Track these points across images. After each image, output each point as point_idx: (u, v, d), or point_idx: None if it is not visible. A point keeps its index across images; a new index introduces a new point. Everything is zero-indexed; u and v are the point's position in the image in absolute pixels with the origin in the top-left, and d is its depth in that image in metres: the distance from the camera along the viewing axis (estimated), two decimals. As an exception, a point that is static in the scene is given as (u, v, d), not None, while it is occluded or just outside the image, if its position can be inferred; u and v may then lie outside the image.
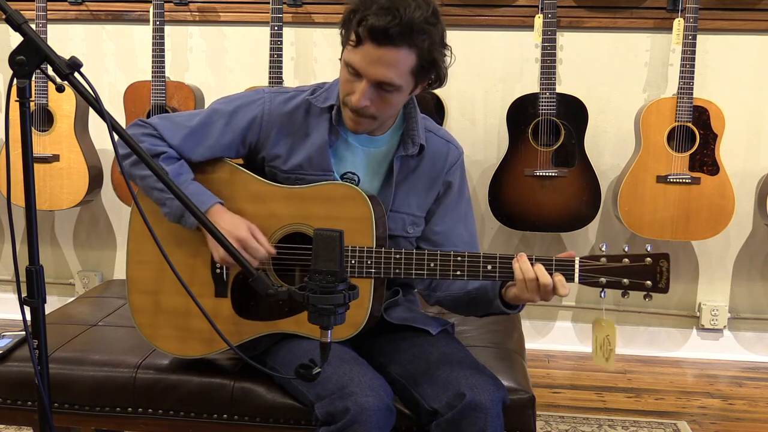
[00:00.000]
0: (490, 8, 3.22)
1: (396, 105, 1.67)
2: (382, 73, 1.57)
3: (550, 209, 3.05)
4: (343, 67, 1.63)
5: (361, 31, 1.54)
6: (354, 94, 1.61)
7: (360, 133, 1.72)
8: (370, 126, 1.70)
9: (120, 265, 3.64)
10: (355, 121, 1.67)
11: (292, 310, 1.68)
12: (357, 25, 1.55)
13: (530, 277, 1.54)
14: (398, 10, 1.52)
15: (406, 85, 1.62)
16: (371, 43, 1.55)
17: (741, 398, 2.96)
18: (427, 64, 1.60)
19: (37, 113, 3.21)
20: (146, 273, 1.76)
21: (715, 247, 3.32)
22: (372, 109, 1.63)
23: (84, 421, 1.83)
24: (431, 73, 1.64)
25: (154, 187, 1.69)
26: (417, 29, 1.54)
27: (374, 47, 1.55)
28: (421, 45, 1.56)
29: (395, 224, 1.76)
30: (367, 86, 1.59)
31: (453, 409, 1.53)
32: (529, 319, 3.42)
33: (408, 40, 1.54)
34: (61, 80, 1.25)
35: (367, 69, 1.57)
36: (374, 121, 1.68)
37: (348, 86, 1.63)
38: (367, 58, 1.56)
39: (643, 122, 2.99)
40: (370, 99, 1.61)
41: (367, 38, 1.55)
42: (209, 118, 1.75)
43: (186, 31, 3.41)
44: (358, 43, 1.56)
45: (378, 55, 1.55)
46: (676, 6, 3.10)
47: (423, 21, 1.54)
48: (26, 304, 1.28)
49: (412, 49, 1.56)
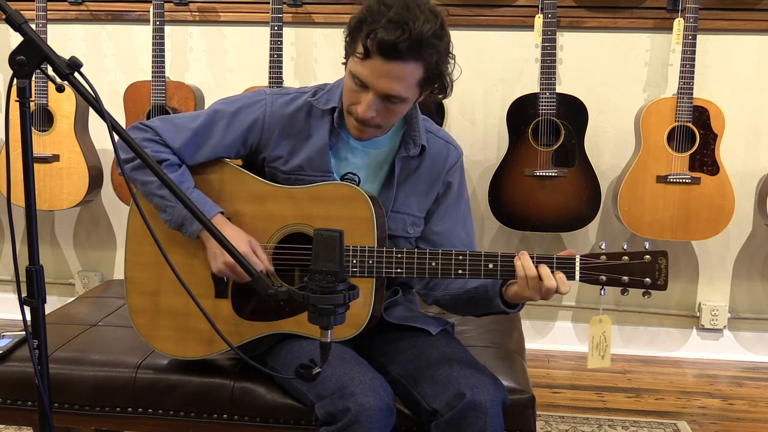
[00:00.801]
0: (490, 8, 3.22)
1: (400, 114, 1.68)
2: (390, 87, 1.57)
3: (550, 209, 3.05)
4: (349, 77, 1.62)
5: (370, 44, 1.53)
6: (360, 105, 1.61)
7: (364, 140, 1.72)
8: (374, 134, 1.71)
9: (120, 265, 3.64)
10: (359, 130, 1.67)
11: (292, 311, 1.68)
12: (366, 38, 1.53)
13: (532, 274, 1.54)
14: (407, 24, 1.50)
15: (412, 96, 1.63)
16: (380, 57, 1.54)
17: (741, 398, 2.96)
18: (434, 76, 1.61)
19: (37, 113, 3.20)
20: (145, 274, 1.76)
21: (715, 247, 3.32)
22: (377, 120, 1.63)
23: (84, 421, 1.83)
24: (436, 83, 1.64)
25: (155, 193, 1.68)
26: (426, 43, 1.53)
27: (383, 61, 1.54)
28: (429, 59, 1.56)
29: (396, 224, 1.76)
30: (374, 98, 1.59)
31: (453, 409, 1.53)
32: (529, 319, 3.42)
33: (416, 55, 1.54)
34: (61, 80, 1.25)
35: (375, 82, 1.57)
36: (378, 129, 1.69)
37: (353, 96, 1.63)
38: (375, 71, 1.56)
39: (643, 122, 2.99)
40: (375, 110, 1.61)
41: (375, 52, 1.54)
42: (211, 119, 1.75)
43: (186, 31, 3.41)
44: (366, 56, 1.55)
45: (387, 69, 1.55)
46: (676, 6, 3.10)
47: (432, 35, 1.53)
48: (26, 304, 1.28)
49: (420, 63, 1.56)
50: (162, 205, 1.68)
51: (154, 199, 1.69)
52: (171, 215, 1.68)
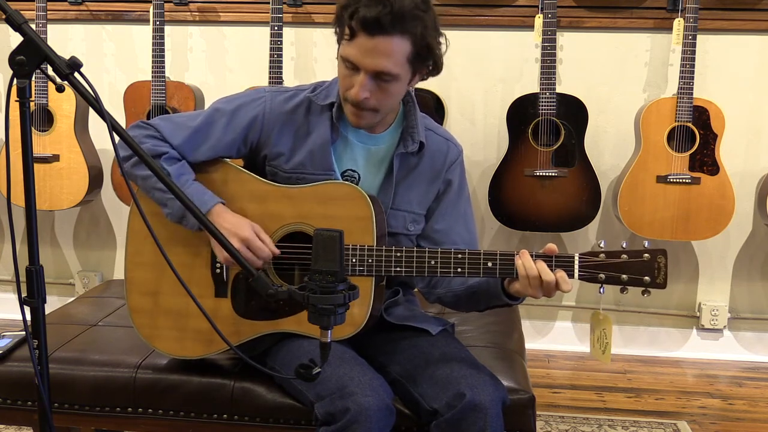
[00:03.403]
0: (490, 8, 3.22)
1: (396, 95, 1.68)
2: (378, 63, 1.59)
3: (550, 209, 3.05)
4: (341, 63, 1.64)
5: (354, 23, 1.56)
6: (353, 88, 1.63)
7: (362, 127, 1.72)
8: (372, 119, 1.70)
9: (120, 265, 3.64)
10: (356, 115, 1.68)
11: (292, 310, 1.68)
12: (349, 19, 1.57)
13: (533, 274, 1.54)
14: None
15: (404, 73, 1.63)
16: (364, 34, 1.57)
17: (741, 398, 2.96)
18: (423, 51, 1.62)
19: (37, 113, 3.21)
20: (145, 274, 1.76)
21: (715, 247, 3.32)
22: (372, 101, 1.64)
23: (84, 421, 1.83)
24: (428, 61, 1.65)
25: (155, 187, 1.69)
26: (409, 16, 1.56)
27: (367, 38, 1.57)
28: (414, 31, 1.58)
29: (396, 221, 1.76)
30: (366, 78, 1.61)
31: (453, 409, 1.53)
32: (529, 319, 3.42)
33: (400, 28, 1.56)
34: (61, 80, 1.25)
35: (362, 60, 1.59)
36: (376, 114, 1.69)
37: (347, 81, 1.64)
38: (361, 49, 1.58)
39: (643, 122, 2.99)
40: (369, 90, 1.62)
41: (360, 30, 1.57)
42: (211, 117, 1.75)
43: (186, 31, 3.41)
44: (352, 36, 1.58)
45: (372, 45, 1.57)
46: (676, 6, 3.10)
47: (413, 8, 1.56)
48: (26, 304, 1.28)
49: (405, 36, 1.58)
50: (162, 199, 1.69)
51: (155, 194, 1.70)
52: (171, 208, 1.68)
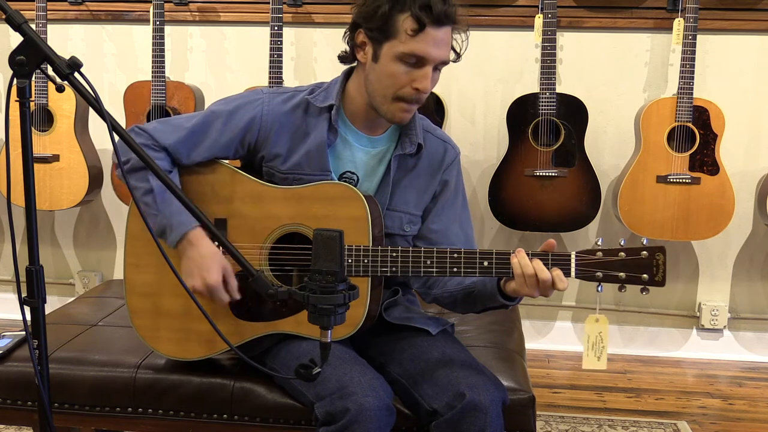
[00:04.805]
0: (490, 8, 3.22)
1: None
2: (445, 53, 1.65)
3: (550, 209, 3.05)
4: (395, 62, 1.62)
5: (426, 16, 1.58)
6: (420, 81, 1.63)
7: (407, 121, 1.73)
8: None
9: (120, 265, 3.64)
10: (408, 111, 1.69)
11: (291, 311, 1.68)
12: (420, 10, 1.58)
13: (529, 272, 1.53)
14: None
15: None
16: (433, 26, 1.59)
17: (741, 398, 2.96)
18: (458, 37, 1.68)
19: (37, 113, 3.21)
20: (143, 276, 1.76)
21: (715, 247, 3.32)
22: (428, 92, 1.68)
23: (84, 421, 1.83)
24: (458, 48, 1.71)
25: (140, 200, 1.68)
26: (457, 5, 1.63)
27: (436, 29, 1.60)
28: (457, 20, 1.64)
29: (392, 222, 1.76)
30: (431, 70, 1.63)
31: (453, 409, 1.53)
32: (529, 319, 3.42)
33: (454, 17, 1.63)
34: (61, 80, 1.25)
35: (432, 52, 1.62)
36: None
37: (402, 79, 1.63)
38: (431, 42, 1.61)
39: (643, 122, 2.99)
40: (432, 81, 1.66)
41: (430, 22, 1.59)
42: (208, 118, 1.75)
43: (186, 31, 3.41)
44: (420, 30, 1.59)
45: (441, 37, 1.62)
46: (676, 6, 3.10)
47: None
48: (26, 304, 1.28)
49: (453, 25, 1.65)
50: (147, 213, 1.68)
51: (141, 206, 1.68)
52: (154, 223, 1.68)
